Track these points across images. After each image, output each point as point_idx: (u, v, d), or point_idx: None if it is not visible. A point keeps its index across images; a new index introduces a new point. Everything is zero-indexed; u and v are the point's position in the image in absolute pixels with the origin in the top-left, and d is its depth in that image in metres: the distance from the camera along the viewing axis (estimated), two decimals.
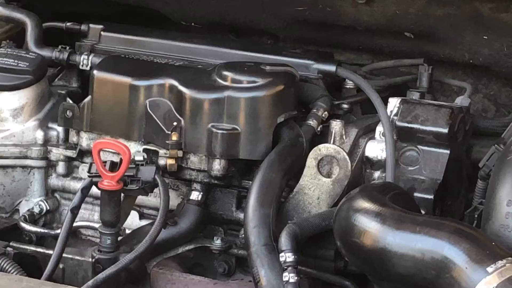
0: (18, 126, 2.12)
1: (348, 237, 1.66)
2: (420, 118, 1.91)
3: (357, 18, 2.11)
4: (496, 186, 1.67)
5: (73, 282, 1.88)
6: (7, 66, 2.11)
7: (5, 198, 2.12)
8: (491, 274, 1.49)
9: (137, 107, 2.00)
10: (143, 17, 2.33)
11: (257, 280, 1.72)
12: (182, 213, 1.97)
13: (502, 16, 1.99)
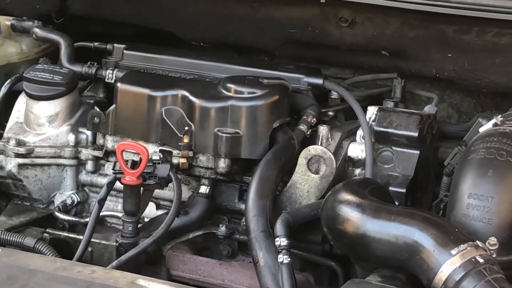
0: (53, 130, 2.11)
1: (333, 225, 1.65)
2: (394, 124, 1.91)
3: (341, 39, 2.11)
4: (458, 181, 1.67)
5: (100, 263, 1.88)
6: (44, 79, 2.10)
7: (42, 192, 2.11)
8: (455, 256, 1.48)
9: (154, 114, 1.99)
10: (160, 38, 2.33)
11: (256, 261, 1.72)
12: (192, 204, 1.97)
13: (464, 37, 1.99)
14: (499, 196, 1.62)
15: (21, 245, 1.87)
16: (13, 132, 2.13)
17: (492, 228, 1.59)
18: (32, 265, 1.52)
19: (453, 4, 1.85)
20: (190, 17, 2.26)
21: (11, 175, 2.09)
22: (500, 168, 1.64)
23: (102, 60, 2.23)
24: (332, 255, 1.88)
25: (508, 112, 1.85)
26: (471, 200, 1.62)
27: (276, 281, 1.67)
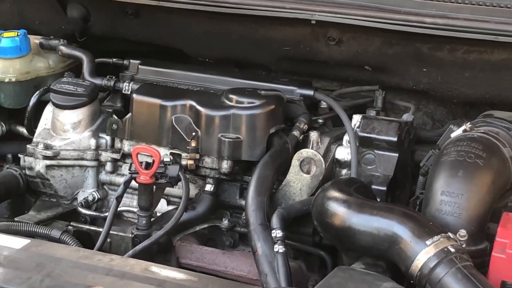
0: (77, 136, 2.11)
1: (323, 218, 1.66)
2: (376, 130, 1.91)
3: (329, 56, 2.11)
4: (432, 180, 1.67)
5: (117, 252, 1.88)
6: (69, 91, 2.11)
7: (67, 190, 2.11)
8: (429, 246, 1.49)
9: (165, 121, 1.99)
10: (170, 54, 2.32)
11: (255, 250, 1.72)
12: (199, 200, 1.97)
13: (437, 54, 1.99)
14: (468, 193, 1.62)
15: (48, 236, 1.87)
16: (41, 137, 2.13)
17: (462, 222, 1.59)
18: (58, 254, 1.52)
19: (427, 25, 1.85)
20: (196, 36, 2.26)
21: (39, 175, 2.09)
22: (469, 169, 1.64)
23: (120, 74, 2.23)
24: (322, 245, 1.88)
25: (476, 120, 1.85)
26: (444, 197, 1.62)
27: (272, 268, 1.67)
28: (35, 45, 2.30)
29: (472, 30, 1.82)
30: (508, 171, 1.71)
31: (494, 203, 1.65)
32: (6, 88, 2.23)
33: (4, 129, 2.26)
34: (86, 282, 1.40)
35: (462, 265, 1.45)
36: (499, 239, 1.53)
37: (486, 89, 2.02)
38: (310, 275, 1.90)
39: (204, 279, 1.46)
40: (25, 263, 1.47)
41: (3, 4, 2.42)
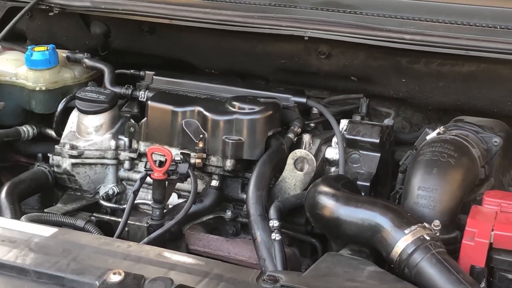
0: (99, 137, 2.11)
1: (314, 210, 1.66)
2: (361, 133, 1.91)
3: (320, 68, 2.11)
4: (410, 177, 1.67)
5: (134, 239, 1.88)
6: (92, 98, 2.11)
7: (90, 185, 2.12)
8: (407, 234, 1.49)
9: (176, 125, 1.99)
10: (180, 66, 2.33)
11: (255, 238, 1.72)
12: (205, 194, 1.97)
13: (415, 66, 2.00)
14: (441, 188, 1.62)
15: (73, 225, 1.87)
16: (67, 138, 2.13)
17: (436, 213, 1.60)
18: (82, 241, 1.52)
19: (406, 41, 1.86)
20: (204, 50, 2.26)
21: (66, 172, 2.09)
22: (442, 167, 1.65)
23: (136, 83, 2.23)
24: (313, 234, 1.88)
25: (449, 124, 1.86)
26: (420, 192, 1.62)
27: (270, 254, 1.68)
28: (62, 58, 2.30)
29: (445, 45, 1.83)
30: (477, 169, 1.71)
31: (464, 197, 1.66)
32: (37, 96, 2.23)
33: (35, 132, 2.26)
34: (107, 265, 1.40)
35: (436, 251, 1.45)
36: (468, 228, 1.53)
37: (457, 97, 2.02)
38: (303, 260, 1.90)
39: (210, 263, 1.46)
40: (53, 249, 1.47)
41: (35, 22, 2.43)
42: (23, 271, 1.43)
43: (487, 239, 1.50)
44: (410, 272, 1.45)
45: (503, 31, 1.79)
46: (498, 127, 1.85)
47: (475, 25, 1.81)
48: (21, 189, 2.01)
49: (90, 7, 2.19)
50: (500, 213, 1.55)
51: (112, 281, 1.36)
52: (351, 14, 1.92)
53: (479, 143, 1.76)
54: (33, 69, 2.23)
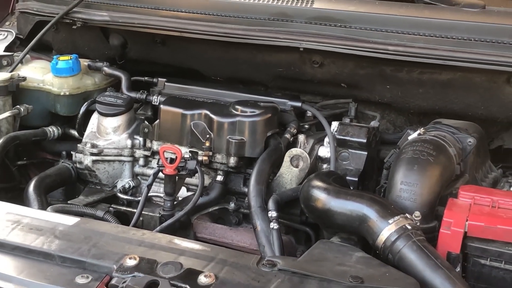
0: (117, 137, 2.11)
1: (308, 202, 1.66)
2: (350, 133, 1.91)
3: (313, 75, 2.12)
4: (394, 173, 1.68)
5: (148, 228, 1.88)
6: (110, 102, 2.11)
7: (109, 179, 2.11)
8: (391, 224, 1.49)
9: (185, 126, 1.99)
10: (189, 74, 2.33)
11: (255, 227, 1.72)
12: (211, 188, 1.97)
13: (397, 74, 2.00)
14: (421, 183, 1.62)
15: (94, 215, 1.87)
16: (89, 138, 2.13)
17: (417, 205, 1.60)
18: (101, 229, 1.52)
19: (390, 52, 1.86)
20: (211, 60, 2.27)
21: (87, 168, 2.09)
22: (422, 164, 1.65)
23: (150, 89, 2.23)
24: (307, 223, 1.88)
25: (428, 126, 1.86)
26: (402, 186, 1.62)
27: (269, 241, 1.68)
28: (84, 67, 2.30)
29: (425, 56, 1.83)
30: (453, 166, 1.71)
31: (442, 191, 1.66)
32: (61, 100, 2.23)
33: (60, 132, 2.26)
34: (124, 251, 1.40)
35: (417, 239, 1.45)
36: (445, 219, 1.53)
37: (435, 102, 2.02)
38: (298, 246, 1.90)
39: (215, 249, 1.46)
40: (76, 236, 1.47)
41: (60, 35, 2.43)
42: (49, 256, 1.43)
43: (462, 228, 1.50)
44: (393, 258, 1.45)
45: (476, 43, 1.79)
46: (472, 128, 1.85)
47: (452, 38, 1.82)
48: (47, 183, 2.01)
49: (109, 21, 2.19)
50: (474, 205, 1.56)
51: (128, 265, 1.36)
52: (341, 27, 1.92)
53: (455, 143, 1.76)
54: (58, 76, 2.23)
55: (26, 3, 2.39)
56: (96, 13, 2.22)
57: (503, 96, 1.90)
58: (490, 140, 2.04)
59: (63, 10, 2.23)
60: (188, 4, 2.11)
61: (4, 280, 1.38)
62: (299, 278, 1.32)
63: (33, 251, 1.44)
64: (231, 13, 2.04)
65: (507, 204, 1.54)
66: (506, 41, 1.76)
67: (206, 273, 1.33)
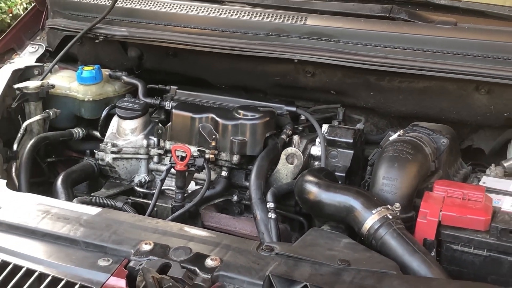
0: (134, 138, 2.11)
1: (302, 195, 1.66)
2: (338, 134, 1.91)
3: (306, 84, 2.12)
4: (377, 169, 1.67)
5: (161, 217, 1.88)
6: (129, 107, 2.11)
7: (127, 174, 2.11)
8: (374, 214, 1.49)
9: (194, 128, 1.99)
10: (198, 82, 2.33)
11: (255, 216, 1.72)
12: (217, 182, 1.96)
13: (380, 83, 1.99)
14: (401, 178, 1.62)
15: (114, 206, 1.87)
16: (110, 138, 2.13)
17: (397, 198, 1.60)
18: (120, 218, 1.53)
19: (374, 63, 1.86)
20: (216, 70, 2.26)
21: (108, 164, 2.09)
22: (402, 162, 1.65)
23: (163, 95, 2.23)
24: (301, 213, 1.88)
25: (407, 128, 1.86)
26: (384, 181, 1.62)
27: (267, 229, 1.68)
28: (105, 76, 2.30)
29: (404, 67, 1.83)
30: (428, 163, 1.71)
31: (419, 185, 1.66)
32: (86, 105, 2.23)
33: (84, 133, 2.26)
34: (140, 237, 1.41)
35: (397, 227, 1.46)
36: (422, 209, 1.53)
37: (413, 107, 2.02)
38: (292, 233, 1.90)
39: (220, 236, 1.47)
40: (98, 225, 1.47)
41: (84, 48, 2.43)
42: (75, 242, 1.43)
43: (436, 218, 1.51)
44: (376, 243, 1.45)
45: (449, 55, 1.79)
46: (445, 130, 1.85)
47: (427, 51, 1.82)
48: (73, 177, 2.01)
49: (127, 35, 2.19)
50: (447, 197, 1.56)
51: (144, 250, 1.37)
52: (331, 42, 1.92)
53: (431, 143, 1.76)
54: (82, 84, 2.23)
55: (55, 20, 2.39)
56: (116, 29, 2.22)
57: (472, 102, 1.90)
58: (461, 140, 2.04)
59: (87, 26, 2.23)
60: (197, 21, 2.11)
61: (35, 262, 1.38)
62: (293, 261, 1.33)
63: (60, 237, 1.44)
64: (235, 29, 2.04)
65: (476, 197, 1.54)
66: (475, 54, 1.76)
67: (212, 257, 1.33)
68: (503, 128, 1.96)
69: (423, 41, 1.82)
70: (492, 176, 1.76)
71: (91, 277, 1.30)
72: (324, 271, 1.28)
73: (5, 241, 1.45)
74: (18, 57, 2.42)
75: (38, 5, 2.50)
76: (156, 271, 1.27)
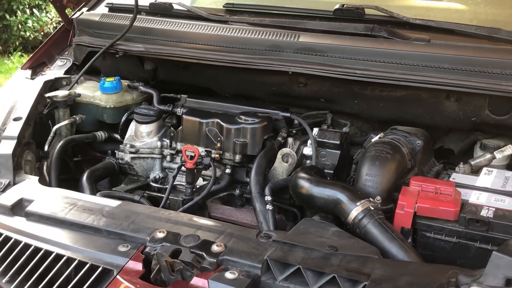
0: (149, 140, 2.10)
1: (295, 189, 1.66)
2: (327, 137, 1.91)
3: (299, 93, 2.11)
4: (360, 167, 1.67)
5: (173, 209, 1.87)
6: (145, 113, 2.11)
7: (143, 172, 2.10)
8: (358, 205, 1.49)
9: (202, 131, 1.98)
10: (205, 91, 2.32)
11: (255, 208, 1.72)
12: (222, 178, 1.96)
13: (363, 92, 1.99)
14: (381, 175, 1.62)
15: (132, 199, 1.87)
16: (128, 140, 2.12)
17: (378, 192, 1.60)
18: (137, 210, 1.53)
19: (358, 75, 1.85)
20: (221, 80, 2.26)
21: (127, 163, 2.09)
22: (382, 160, 1.65)
23: (175, 103, 2.22)
24: (294, 205, 1.87)
25: (387, 131, 1.86)
26: (367, 177, 1.62)
27: (265, 219, 1.68)
28: (124, 86, 2.30)
29: (384, 78, 1.83)
30: (406, 162, 1.71)
31: (397, 181, 1.66)
32: (107, 111, 2.23)
33: (106, 136, 2.26)
34: (155, 226, 1.41)
35: (378, 218, 1.46)
36: (400, 202, 1.53)
37: (393, 113, 2.02)
38: (287, 223, 1.89)
39: (224, 225, 1.46)
40: (118, 215, 1.47)
41: (106, 61, 2.43)
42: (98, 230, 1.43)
43: (412, 209, 1.51)
44: (360, 231, 1.45)
45: (423, 68, 1.79)
46: (420, 133, 1.85)
47: (404, 64, 1.81)
48: (97, 174, 2.01)
49: (144, 51, 2.19)
50: (421, 191, 1.56)
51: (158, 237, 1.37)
52: (321, 56, 1.92)
53: (407, 144, 1.76)
54: (105, 93, 2.22)
55: (81, 37, 2.39)
56: (134, 45, 2.22)
57: (443, 109, 1.90)
58: (434, 142, 2.03)
59: (109, 43, 2.23)
60: (204, 38, 2.11)
61: (64, 248, 1.38)
62: (288, 247, 1.33)
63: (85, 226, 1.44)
64: (237, 45, 2.04)
65: (446, 191, 1.54)
66: (446, 66, 1.76)
67: (217, 243, 1.33)
68: (470, 131, 1.96)
69: (401, 55, 1.82)
70: (460, 173, 1.76)
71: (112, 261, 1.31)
72: (314, 255, 1.28)
73: (38, 230, 1.45)
74: (49, 70, 2.42)
75: (66, 25, 2.50)
76: (168, 256, 1.27)
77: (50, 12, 7.89)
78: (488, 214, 1.46)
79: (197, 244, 1.32)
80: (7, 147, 1.82)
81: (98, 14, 2.38)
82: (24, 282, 1.36)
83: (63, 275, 1.32)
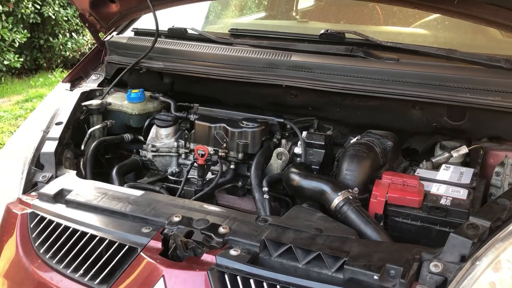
0: (168, 141, 2.10)
1: (288, 182, 1.66)
2: (314, 139, 1.91)
3: (291, 102, 2.11)
4: (341, 164, 1.68)
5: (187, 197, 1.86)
6: (164, 118, 2.10)
7: (163, 167, 2.10)
8: (339, 195, 1.49)
9: (211, 134, 1.98)
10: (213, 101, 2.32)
11: (254, 197, 1.72)
12: (227, 173, 1.96)
13: (344, 102, 1.99)
14: (358, 170, 1.63)
15: (153, 190, 1.87)
16: (150, 141, 2.12)
17: (355, 184, 1.60)
18: (158, 198, 1.53)
19: (338, 88, 1.86)
20: (227, 92, 2.26)
21: (149, 160, 2.09)
22: (359, 158, 1.65)
23: (189, 110, 2.21)
24: (287, 195, 1.87)
25: (363, 134, 1.86)
26: (347, 172, 1.63)
27: (263, 206, 1.68)
28: (147, 96, 2.30)
29: (360, 90, 1.83)
30: (378, 159, 1.71)
31: (371, 175, 1.66)
32: (133, 117, 2.23)
33: (132, 137, 2.25)
34: (172, 212, 1.41)
35: (356, 205, 1.46)
36: (373, 192, 1.53)
37: (368, 120, 2.02)
38: (281, 209, 1.90)
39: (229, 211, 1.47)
40: (142, 203, 1.47)
41: (132, 76, 2.43)
42: (125, 215, 1.43)
43: (384, 198, 1.51)
44: (341, 217, 1.46)
45: (393, 82, 1.79)
46: (390, 136, 1.85)
47: (377, 79, 1.82)
48: (124, 169, 2.01)
49: (163, 68, 2.19)
50: (392, 184, 1.56)
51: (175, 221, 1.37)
52: (309, 72, 1.92)
53: (380, 145, 1.76)
54: (131, 102, 2.22)
55: (111, 56, 2.39)
56: (155, 63, 2.21)
57: (410, 116, 1.91)
58: (402, 143, 2.03)
59: (134, 61, 2.24)
60: (213, 57, 2.11)
61: (97, 230, 1.39)
62: (282, 229, 1.33)
63: (114, 212, 1.44)
64: (240, 63, 2.04)
65: (412, 183, 1.54)
66: (412, 81, 1.76)
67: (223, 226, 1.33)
68: (432, 134, 1.96)
69: (374, 72, 1.82)
70: (423, 169, 1.76)
71: (136, 240, 1.32)
72: (303, 236, 1.29)
73: (75, 215, 1.45)
74: (85, 83, 2.42)
75: (99, 46, 2.50)
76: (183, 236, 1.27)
77: (86, 36, 7.94)
78: (446, 202, 1.47)
79: (207, 226, 1.33)
80: (51, 146, 1.83)
81: (125, 37, 2.39)
82: (64, 258, 1.36)
83: (96, 252, 1.33)
